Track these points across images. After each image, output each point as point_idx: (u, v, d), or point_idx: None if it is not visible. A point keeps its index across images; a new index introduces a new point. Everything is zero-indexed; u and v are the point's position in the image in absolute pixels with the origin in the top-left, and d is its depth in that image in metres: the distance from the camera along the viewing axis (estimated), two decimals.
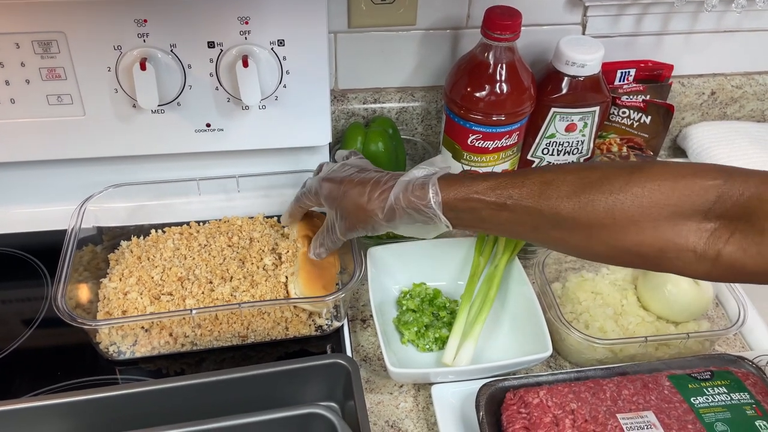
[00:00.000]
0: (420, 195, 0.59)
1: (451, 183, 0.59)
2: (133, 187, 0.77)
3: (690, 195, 0.51)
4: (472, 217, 0.59)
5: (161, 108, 0.74)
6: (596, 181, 0.54)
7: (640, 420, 0.58)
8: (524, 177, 0.57)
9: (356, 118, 0.90)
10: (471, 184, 0.58)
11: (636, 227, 0.52)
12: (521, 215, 0.56)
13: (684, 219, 0.51)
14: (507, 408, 0.60)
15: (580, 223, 0.54)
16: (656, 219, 0.51)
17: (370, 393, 0.68)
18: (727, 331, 0.69)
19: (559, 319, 0.68)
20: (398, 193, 0.60)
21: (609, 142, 0.91)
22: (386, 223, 0.62)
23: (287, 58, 0.72)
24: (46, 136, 0.75)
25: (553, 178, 0.56)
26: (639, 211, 0.52)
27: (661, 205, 0.51)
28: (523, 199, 0.56)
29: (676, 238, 0.51)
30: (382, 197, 0.61)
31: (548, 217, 0.55)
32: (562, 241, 0.57)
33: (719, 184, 0.50)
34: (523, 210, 0.56)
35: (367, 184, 0.62)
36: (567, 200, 0.54)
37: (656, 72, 0.89)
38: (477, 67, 0.75)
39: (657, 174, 0.52)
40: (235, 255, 0.73)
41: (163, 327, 0.67)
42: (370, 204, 0.61)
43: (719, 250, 0.50)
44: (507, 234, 0.66)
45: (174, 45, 0.70)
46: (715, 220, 0.50)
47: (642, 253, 0.53)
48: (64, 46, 0.69)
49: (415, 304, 0.73)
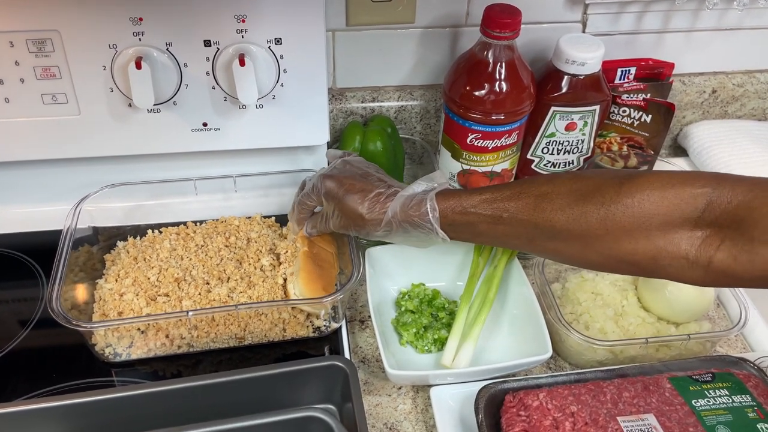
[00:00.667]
0: (418, 210, 0.61)
1: (448, 198, 0.61)
2: (129, 187, 0.77)
3: (679, 203, 0.51)
4: (469, 230, 0.61)
5: (157, 107, 0.73)
6: (588, 193, 0.55)
7: (641, 423, 0.58)
8: (519, 190, 0.58)
9: (354, 117, 0.90)
10: (467, 198, 0.60)
11: (629, 237, 0.53)
12: (517, 228, 0.58)
13: (675, 227, 0.52)
14: (506, 410, 0.60)
15: (574, 234, 0.55)
16: (648, 228, 0.52)
17: (369, 395, 0.67)
18: (729, 333, 0.68)
19: (558, 320, 0.67)
20: (396, 208, 0.62)
21: (609, 141, 0.90)
22: (382, 233, 0.64)
23: (284, 57, 0.72)
24: (41, 135, 0.74)
25: (547, 190, 0.57)
26: (630, 221, 0.53)
27: (651, 215, 0.52)
28: (519, 213, 0.57)
29: (669, 246, 0.52)
30: (380, 211, 0.63)
31: (543, 230, 0.56)
32: (557, 252, 0.58)
33: (708, 192, 0.51)
34: (518, 223, 0.58)
35: (367, 194, 0.64)
36: (561, 213, 0.55)
37: (657, 70, 0.89)
38: (476, 66, 0.75)
39: (646, 184, 0.53)
40: (232, 255, 0.73)
41: (160, 329, 0.67)
42: (369, 215, 0.63)
43: (710, 257, 0.51)
44: (503, 245, 0.69)
45: (170, 43, 0.69)
46: (705, 227, 0.51)
47: (636, 261, 0.54)
48: (58, 44, 0.68)
49: (413, 305, 0.73)
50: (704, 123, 0.96)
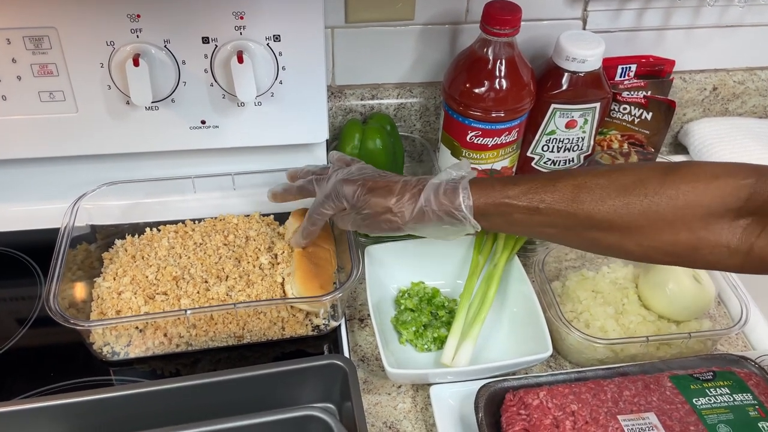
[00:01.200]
0: (451, 198, 0.60)
1: (482, 187, 0.60)
2: (127, 185, 0.76)
3: (723, 195, 0.52)
4: (503, 220, 0.60)
5: (155, 105, 0.73)
6: (630, 184, 0.55)
7: (642, 422, 0.57)
8: (555, 181, 0.58)
9: (354, 114, 0.89)
10: (502, 188, 0.60)
11: (671, 228, 0.54)
12: (554, 218, 0.58)
13: (717, 217, 0.53)
14: (506, 409, 0.60)
15: (615, 225, 0.55)
16: (690, 219, 0.53)
17: (368, 394, 0.67)
18: (730, 331, 0.68)
19: (559, 319, 0.67)
20: (429, 195, 0.61)
21: (610, 139, 0.90)
22: (413, 224, 0.62)
23: (283, 54, 0.72)
24: (39, 133, 0.74)
25: (584, 181, 0.57)
26: (673, 212, 0.53)
27: (695, 206, 0.53)
28: (556, 203, 0.57)
29: (710, 236, 0.53)
30: (411, 200, 0.61)
31: (582, 220, 0.56)
32: (595, 242, 0.58)
33: (751, 183, 0.52)
34: (556, 213, 0.57)
35: (394, 186, 0.63)
36: (602, 203, 0.55)
37: (657, 67, 0.89)
38: (476, 63, 0.75)
39: (691, 175, 0.54)
40: (230, 254, 0.72)
41: (158, 327, 0.66)
42: (398, 206, 0.62)
43: (752, 244, 0.52)
44: (537, 235, 0.68)
45: (168, 40, 0.69)
46: (747, 216, 0.52)
47: (676, 252, 0.55)
48: (55, 41, 0.68)
49: (413, 304, 0.73)
50: (705, 120, 0.96)
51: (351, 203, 0.63)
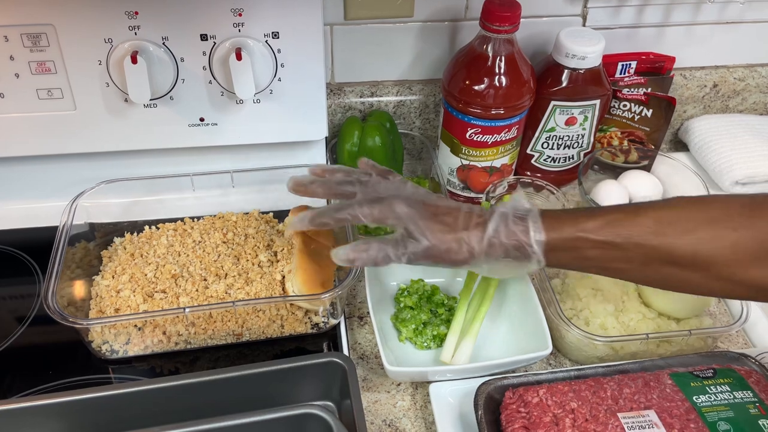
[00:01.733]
0: (522, 230, 0.56)
1: (555, 221, 0.56)
2: (126, 183, 0.76)
3: None
4: (572, 256, 0.56)
5: (153, 102, 0.73)
6: (718, 218, 0.53)
7: (642, 419, 0.57)
8: (635, 214, 0.55)
9: (353, 112, 0.89)
10: (577, 222, 0.56)
11: (758, 262, 0.52)
12: (632, 253, 0.54)
13: None
14: (506, 407, 0.60)
15: (699, 259, 0.53)
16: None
17: (367, 391, 0.67)
18: (730, 328, 0.68)
19: (558, 316, 0.67)
20: (498, 225, 0.57)
21: (610, 136, 0.90)
22: (484, 257, 0.57)
23: (282, 51, 0.71)
24: (37, 131, 0.74)
25: (666, 214, 0.54)
26: (761, 247, 0.51)
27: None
28: (635, 236, 0.54)
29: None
30: (477, 229, 0.57)
31: (663, 254, 0.54)
32: (673, 277, 0.55)
33: None
34: (634, 247, 0.54)
35: (457, 213, 0.58)
36: (686, 237, 0.53)
37: (658, 64, 0.88)
38: (476, 60, 0.74)
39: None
40: (229, 251, 0.72)
41: (157, 325, 0.66)
42: (466, 234, 0.57)
43: None
44: (606, 272, 0.59)
45: (166, 38, 0.69)
46: None
47: (763, 286, 0.53)
48: (53, 39, 0.68)
49: (412, 301, 0.73)
50: (705, 117, 0.96)
51: (404, 225, 0.57)
